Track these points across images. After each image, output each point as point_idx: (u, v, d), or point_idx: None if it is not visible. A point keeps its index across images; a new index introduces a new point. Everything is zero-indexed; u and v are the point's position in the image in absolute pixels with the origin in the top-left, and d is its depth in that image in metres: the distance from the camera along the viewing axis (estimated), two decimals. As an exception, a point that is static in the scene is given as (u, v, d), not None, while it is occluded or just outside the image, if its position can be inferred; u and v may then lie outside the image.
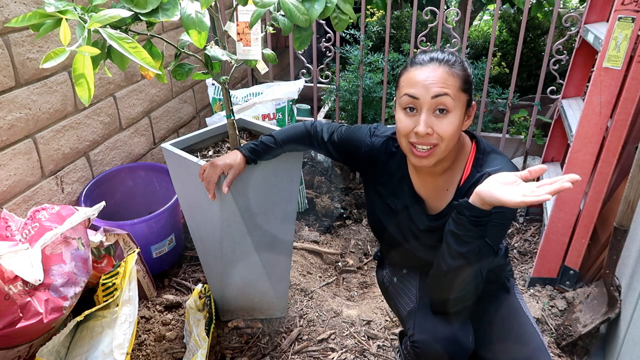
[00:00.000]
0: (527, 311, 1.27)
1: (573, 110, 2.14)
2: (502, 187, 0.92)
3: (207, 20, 1.08)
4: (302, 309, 1.87)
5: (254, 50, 1.38)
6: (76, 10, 0.92)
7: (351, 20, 1.28)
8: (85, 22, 0.88)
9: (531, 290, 1.98)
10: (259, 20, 1.27)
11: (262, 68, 1.53)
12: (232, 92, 2.30)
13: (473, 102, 1.12)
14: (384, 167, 1.25)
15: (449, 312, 1.14)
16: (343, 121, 2.80)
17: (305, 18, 1.18)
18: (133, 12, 1.02)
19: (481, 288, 1.08)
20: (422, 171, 1.19)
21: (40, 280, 1.17)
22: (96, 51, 0.86)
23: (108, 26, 0.98)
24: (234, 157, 1.36)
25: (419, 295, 1.26)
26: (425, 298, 1.22)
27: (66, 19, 0.90)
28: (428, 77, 1.04)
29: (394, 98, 1.17)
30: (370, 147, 1.26)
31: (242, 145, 1.41)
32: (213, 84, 2.40)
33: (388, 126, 1.30)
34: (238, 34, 1.36)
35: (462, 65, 1.08)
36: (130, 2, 1.00)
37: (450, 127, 1.05)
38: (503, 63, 3.44)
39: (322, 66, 2.65)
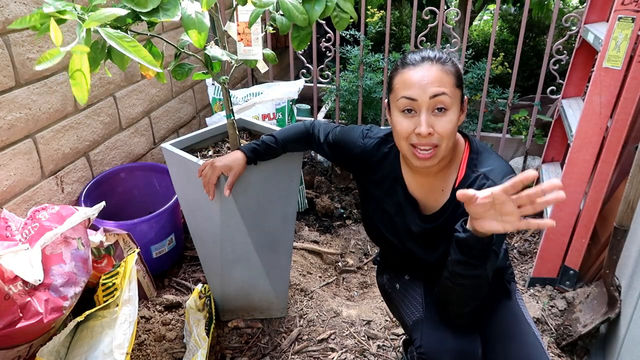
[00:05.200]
0: (528, 318, 1.25)
1: (573, 110, 2.14)
2: (494, 217, 0.88)
3: (207, 21, 1.07)
4: (302, 309, 1.87)
5: (254, 50, 1.37)
6: (75, 10, 0.92)
7: (352, 20, 1.25)
8: (84, 21, 0.88)
9: (531, 290, 1.98)
10: (259, 20, 1.26)
11: (262, 67, 1.53)
12: (232, 92, 2.30)
13: (465, 97, 1.13)
14: (377, 169, 1.25)
15: (459, 322, 1.13)
16: (343, 121, 2.80)
17: (304, 17, 1.16)
18: (131, 11, 1.01)
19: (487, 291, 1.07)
20: (417, 172, 1.17)
21: (40, 280, 1.17)
22: (87, 49, 0.84)
23: (108, 26, 0.98)
24: (234, 158, 1.36)
25: (425, 304, 1.23)
26: (432, 308, 1.20)
27: (63, 19, 0.90)
28: (423, 77, 1.03)
29: (387, 101, 1.16)
30: (362, 148, 1.25)
31: (243, 145, 1.42)
32: (213, 84, 2.40)
33: (382, 127, 1.29)
34: (238, 34, 1.36)
35: (453, 61, 1.09)
36: (131, 1, 1.00)
37: (449, 125, 1.05)
38: (506, 63, 3.44)
39: (322, 66, 2.65)
